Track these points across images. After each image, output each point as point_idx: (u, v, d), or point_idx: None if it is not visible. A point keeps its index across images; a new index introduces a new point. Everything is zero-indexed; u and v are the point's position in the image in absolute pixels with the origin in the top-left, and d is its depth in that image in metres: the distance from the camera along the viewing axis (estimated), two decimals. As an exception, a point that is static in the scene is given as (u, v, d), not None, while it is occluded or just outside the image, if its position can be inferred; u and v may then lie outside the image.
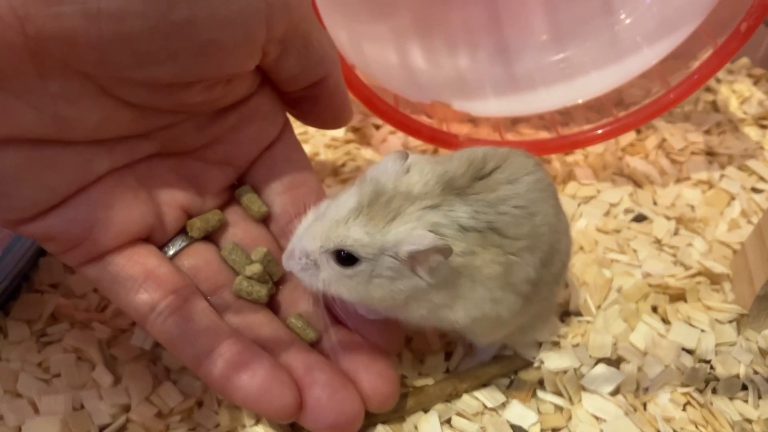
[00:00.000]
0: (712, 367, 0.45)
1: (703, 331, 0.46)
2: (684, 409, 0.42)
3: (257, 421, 0.40)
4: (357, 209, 0.34)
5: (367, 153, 0.62)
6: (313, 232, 0.35)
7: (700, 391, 0.43)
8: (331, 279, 0.35)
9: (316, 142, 0.63)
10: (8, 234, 0.46)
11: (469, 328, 0.38)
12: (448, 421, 0.41)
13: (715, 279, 0.50)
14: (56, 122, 0.34)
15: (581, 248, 0.54)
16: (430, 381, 0.43)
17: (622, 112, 0.58)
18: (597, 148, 0.64)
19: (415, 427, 0.40)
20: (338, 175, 0.60)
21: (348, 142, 0.63)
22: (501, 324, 0.39)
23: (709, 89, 0.73)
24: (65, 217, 0.36)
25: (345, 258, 0.34)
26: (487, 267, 0.35)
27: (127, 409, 0.41)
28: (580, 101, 0.62)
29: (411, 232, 0.33)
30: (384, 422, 0.40)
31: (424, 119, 0.58)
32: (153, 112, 0.37)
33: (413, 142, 0.63)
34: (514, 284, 0.37)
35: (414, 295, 0.35)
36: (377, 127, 0.65)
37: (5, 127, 0.33)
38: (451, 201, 0.35)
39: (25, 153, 0.34)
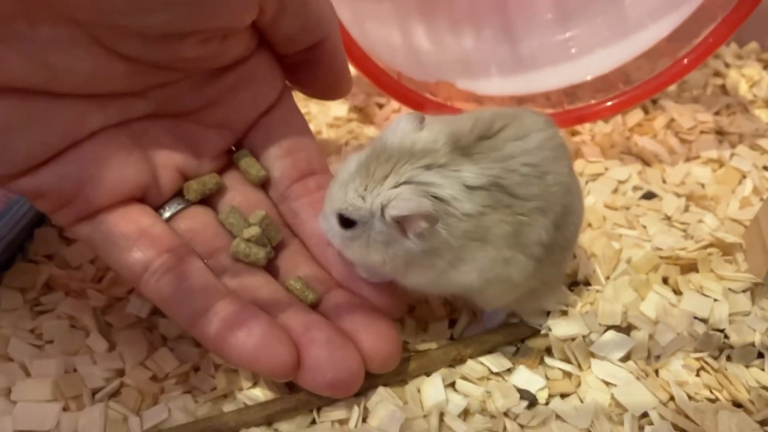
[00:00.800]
0: (726, 336, 0.43)
1: (716, 300, 0.45)
2: (698, 375, 0.40)
3: (254, 384, 0.39)
4: (357, 170, 0.34)
5: (370, 131, 0.61)
6: (328, 195, 0.36)
7: (715, 358, 0.41)
8: (339, 241, 0.36)
9: (319, 121, 0.62)
10: (1, 202, 0.45)
11: (480, 291, 0.37)
12: (452, 385, 0.40)
13: (727, 250, 0.48)
14: (46, 72, 0.33)
15: (589, 224, 0.52)
16: (433, 346, 0.41)
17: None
18: (604, 128, 0.63)
19: (418, 390, 0.39)
20: (341, 153, 0.59)
21: (351, 121, 0.62)
22: (512, 287, 0.37)
23: (717, 73, 0.72)
24: (57, 173, 0.35)
25: (346, 220, 0.34)
26: (496, 227, 0.34)
27: (121, 373, 0.40)
28: (588, 78, 0.61)
29: (396, 194, 0.32)
30: (385, 385, 0.39)
31: (428, 96, 0.58)
32: (147, 68, 0.36)
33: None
34: (525, 245, 0.35)
35: (413, 261, 0.35)
36: (380, 106, 0.64)
37: None
38: (458, 161, 0.34)
39: (15, 104, 0.33)
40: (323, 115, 0.63)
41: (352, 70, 0.46)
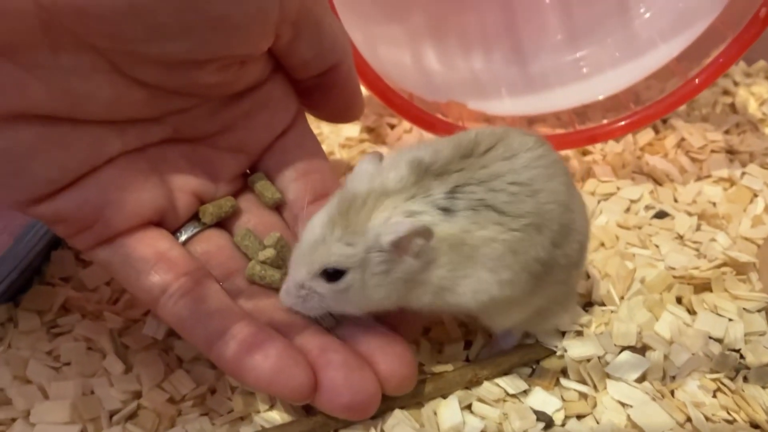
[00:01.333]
0: (742, 356, 0.43)
1: (730, 320, 0.45)
2: (714, 396, 0.40)
3: (271, 406, 0.39)
4: (331, 222, 0.34)
5: (382, 151, 0.61)
6: (297, 261, 0.35)
7: (731, 379, 0.41)
8: (330, 299, 0.35)
9: (331, 142, 0.63)
10: (19, 225, 0.45)
11: (482, 311, 0.37)
12: (469, 407, 0.39)
13: (741, 269, 0.48)
14: (68, 98, 0.33)
15: (602, 244, 0.52)
16: (449, 368, 0.41)
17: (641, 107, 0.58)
18: (615, 148, 0.63)
19: (435, 413, 0.39)
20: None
21: (363, 141, 0.63)
22: (514, 306, 0.37)
23: (727, 92, 0.72)
24: (76, 198, 0.36)
25: (332, 274, 0.34)
26: (485, 246, 0.34)
27: (138, 395, 0.40)
28: (599, 98, 0.61)
29: (387, 222, 0.33)
30: (402, 407, 0.38)
31: (439, 116, 0.58)
32: (165, 94, 0.36)
33: (429, 137, 0.62)
34: (521, 263, 0.35)
35: (413, 279, 0.35)
36: (392, 127, 0.65)
37: (16, 101, 0.32)
38: (427, 186, 0.34)
39: (36, 130, 0.34)
40: (335, 136, 0.63)
41: (364, 91, 0.47)
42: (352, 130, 0.64)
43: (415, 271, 0.34)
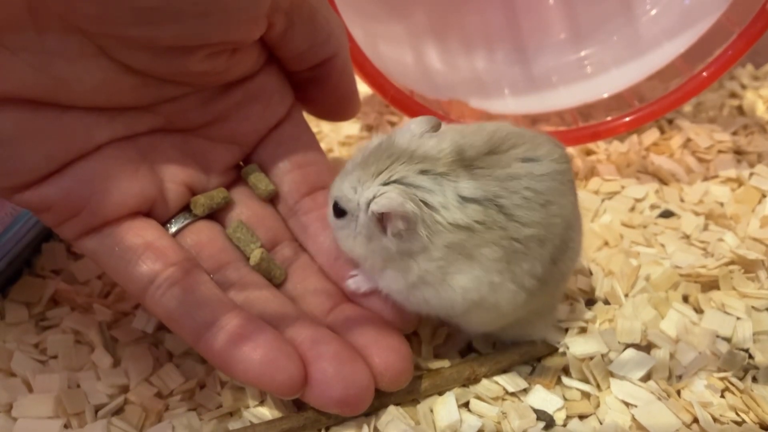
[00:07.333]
0: (750, 356, 0.41)
1: (739, 318, 0.43)
2: (722, 396, 0.39)
3: (261, 402, 0.38)
4: (362, 161, 0.34)
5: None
6: (335, 180, 0.36)
7: (740, 379, 0.40)
8: (332, 226, 0.37)
9: (330, 140, 0.62)
10: (8, 214, 0.44)
11: (464, 313, 0.36)
12: (466, 405, 0.38)
13: (749, 267, 0.47)
14: (53, 82, 0.33)
15: (606, 243, 0.51)
16: (446, 364, 0.40)
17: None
18: (620, 148, 0.62)
19: (431, 410, 0.38)
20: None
21: (363, 139, 0.62)
22: (498, 314, 0.36)
23: (734, 95, 0.71)
24: (63, 186, 0.35)
25: (338, 210, 0.35)
26: (486, 247, 0.33)
27: (125, 390, 0.39)
28: (603, 96, 0.60)
29: (382, 191, 0.32)
30: (397, 404, 0.37)
31: (440, 113, 0.57)
32: (155, 81, 0.36)
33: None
34: (516, 274, 0.34)
35: (389, 260, 0.34)
36: (393, 125, 0.64)
37: (1, 84, 0.31)
38: (458, 172, 0.33)
39: (22, 114, 0.33)
40: (335, 134, 0.62)
41: (364, 88, 0.46)
42: (352, 128, 0.63)
43: (393, 252, 0.34)
